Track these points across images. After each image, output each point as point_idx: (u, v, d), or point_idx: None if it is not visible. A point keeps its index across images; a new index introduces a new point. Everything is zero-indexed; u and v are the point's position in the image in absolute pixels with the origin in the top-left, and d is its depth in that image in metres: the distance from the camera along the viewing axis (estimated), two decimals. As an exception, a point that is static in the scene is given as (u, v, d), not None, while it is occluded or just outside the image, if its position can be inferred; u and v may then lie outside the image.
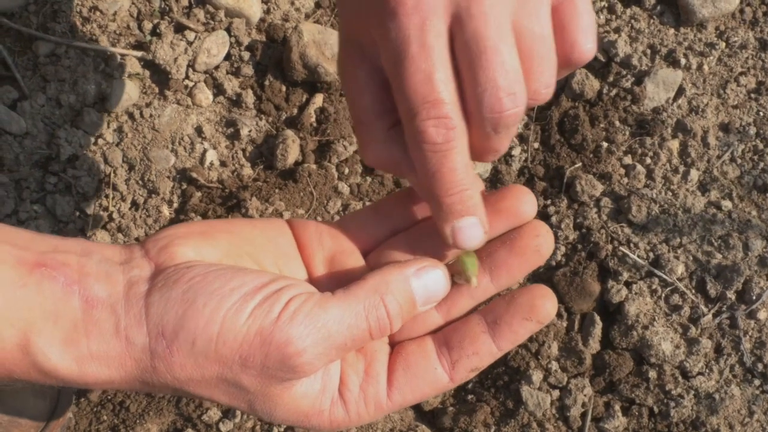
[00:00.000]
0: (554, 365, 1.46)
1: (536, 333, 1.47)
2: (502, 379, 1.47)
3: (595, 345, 1.49)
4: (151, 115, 1.64)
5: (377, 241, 0.77)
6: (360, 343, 0.64)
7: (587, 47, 0.67)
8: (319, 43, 1.62)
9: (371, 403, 0.69)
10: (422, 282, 0.67)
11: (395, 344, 0.73)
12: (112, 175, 1.61)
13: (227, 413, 1.44)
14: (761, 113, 1.67)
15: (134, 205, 1.60)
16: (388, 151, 0.71)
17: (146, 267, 0.65)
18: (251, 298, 0.62)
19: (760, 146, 1.63)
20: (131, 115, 1.65)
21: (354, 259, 0.75)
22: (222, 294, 0.61)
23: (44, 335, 0.60)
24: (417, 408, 1.49)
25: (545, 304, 0.69)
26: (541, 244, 0.71)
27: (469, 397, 1.47)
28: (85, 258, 0.64)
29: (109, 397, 1.46)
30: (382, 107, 0.70)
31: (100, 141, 1.63)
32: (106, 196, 1.60)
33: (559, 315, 1.51)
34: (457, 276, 0.70)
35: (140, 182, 1.61)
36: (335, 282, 0.71)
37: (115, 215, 1.58)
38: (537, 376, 1.45)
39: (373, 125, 0.71)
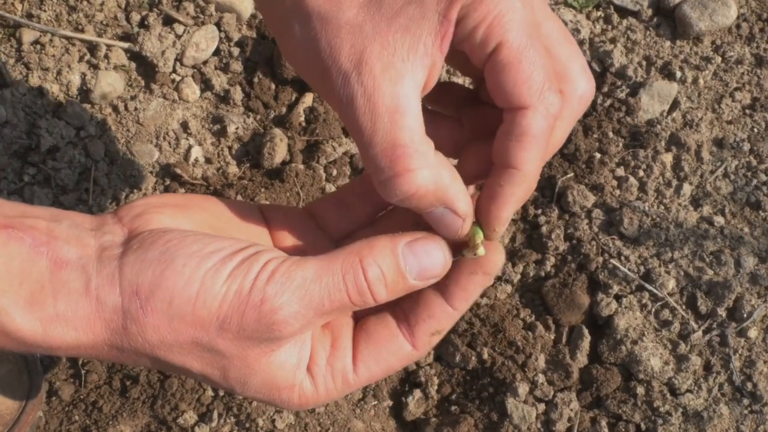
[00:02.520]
0: (541, 378, 1.43)
1: (523, 344, 1.44)
2: (487, 391, 1.43)
3: (582, 358, 1.46)
4: (135, 109, 1.60)
5: (347, 227, 0.76)
6: (339, 307, 0.62)
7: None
8: (311, 41, 1.58)
9: (338, 377, 0.67)
10: (414, 252, 0.64)
11: (359, 320, 0.71)
12: (93, 168, 1.56)
13: (203, 417, 1.40)
14: (755, 129, 1.65)
15: (115, 199, 1.56)
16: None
17: (119, 233, 0.63)
18: (230, 260, 0.60)
19: (754, 163, 1.61)
20: (115, 108, 1.60)
21: (324, 243, 0.74)
22: (202, 255, 0.60)
23: (8, 295, 0.57)
24: (399, 418, 1.45)
25: (489, 254, 0.67)
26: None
27: (453, 408, 1.44)
28: (54, 223, 0.62)
29: (81, 397, 1.42)
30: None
31: (82, 133, 1.58)
32: (86, 190, 1.55)
33: (546, 327, 1.48)
34: (464, 250, 0.67)
35: (122, 177, 1.57)
36: None
37: (95, 209, 1.54)
38: (523, 388, 1.41)
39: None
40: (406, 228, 0.71)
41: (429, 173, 0.60)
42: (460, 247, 0.67)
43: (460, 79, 1.61)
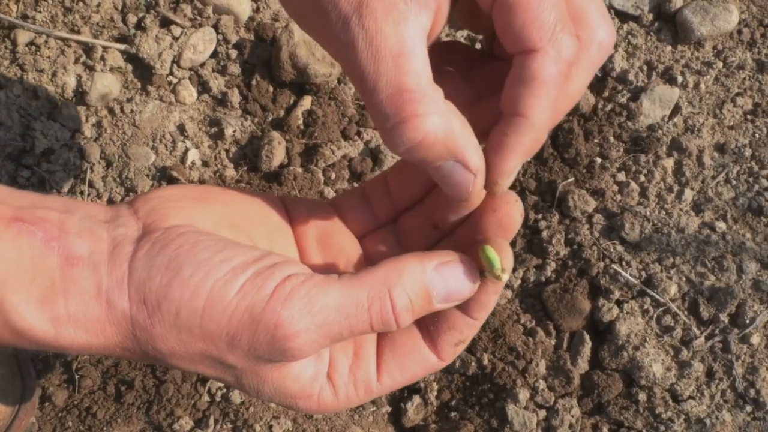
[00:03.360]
0: (541, 384, 1.41)
1: (523, 350, 1.42)
2: (487, 397, 1.41)
3: (583, 364, 1.44)
4: (132, 111, 1.58)
5: (370, 223, 0.73)
6: (358, 334, 0.59)
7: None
8: (310, 44, 1.57)
9: (361, 386, 0.65)
10: (442, 277, 0.60)
11: None
12: (89, 171, 1.54)
13: (199, 422, 1.37)
14: (757, 135, 1.64)
15: (111, 203, 1.54)
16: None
17: (133, 226, 0.60)
18: (242, 271, 0.56)
19: (755, 168, 1.60)
20: (111, 110, 1.58)
21: (347, 240, 0.71)
22: (211, 265, 0.56)
23: (19, 293, 0.55)
24: (398, 424, 1.43)
25: (497, 263, 0.62)
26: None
27: (453, 414, 1.42)
28: (66, 214, 0.59)
29: (75, 402, 1.39)
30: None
31: (78, 135, 1.56)
32: (81, 193, 1.53)
33: (547, 332, 1.46)
34: (485, 271, 0.63)
35: (118, 180, 1.55)
36: (328, 261, 0.66)
37: (89, 212, 1.52)
38: (523, 394, 1.39)
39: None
40: (426, 228, 0.68)
41: (439, 119, 0.56)
42: (480, 266, 0.63)
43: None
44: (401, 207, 0.73)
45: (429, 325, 0.66)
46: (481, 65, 0.69)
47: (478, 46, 1.43)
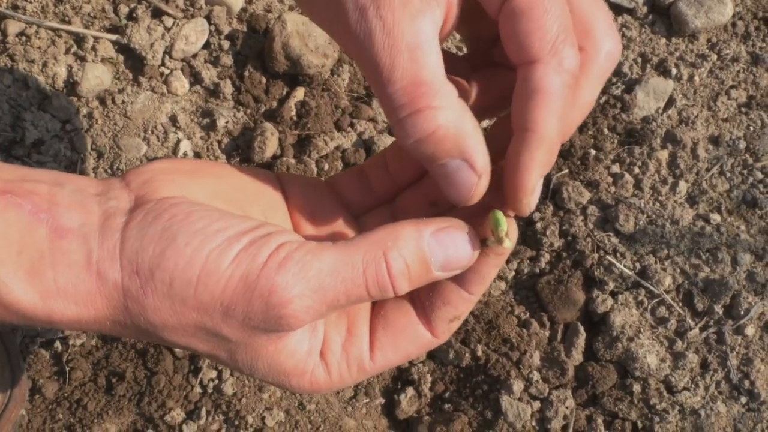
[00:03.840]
0: (536, 375, 1.40)
1: (518, 341, 1.41)
2: (481, 388, 1.40)
3: (578, 356, 1.43)
4: (123, 102, 1.57)
5: (368, 202, 0.72)
6: (355, 301, 0.58)
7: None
8: (303, 35, 1.56)
9: (354, 364, 0.64)
10: (440, 243, 0.59)
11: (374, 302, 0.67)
12: (80, 162, 1.53)
13: (191, 414, 1.36)
14: (751, 128, 1.63)
15: (101, 194, 1.52)
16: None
17: (125, 199, 0.59)
18: (237, 240, 0.56)
19: (750, 161, 1.60)
20: (102, 101, 1.57)
21: (343, 217, 0.70)
22: (206, 234, 0.55)
23: (6, 265, 0.54)
24: (391, 416, 1.42)
25: (503, 224, 0.62)
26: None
27: (446, 406, 1.41)
28: (56, 187, 0.58)
29: (65, 395, 1.38)
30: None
31: (69, 126, 1.55)
32: (72, 184, 1.52)
33: (541, 324, 1.45)
34: (488, 239, 0.62)
35: (109, 171, 1.53)
36: (323, 238, 0.65)
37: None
38: (518, 386, 1.39)
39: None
40: (424, 206, 0.67)
41: (452, 114, 0.56)
42: (482, 235, 0.62)
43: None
44: (400, 185, 0.72)
45: (424, 300, 0.65)
46: (479, 72, 0.69)
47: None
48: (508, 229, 0.61)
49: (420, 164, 0.66)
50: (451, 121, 0.57)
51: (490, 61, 0.69)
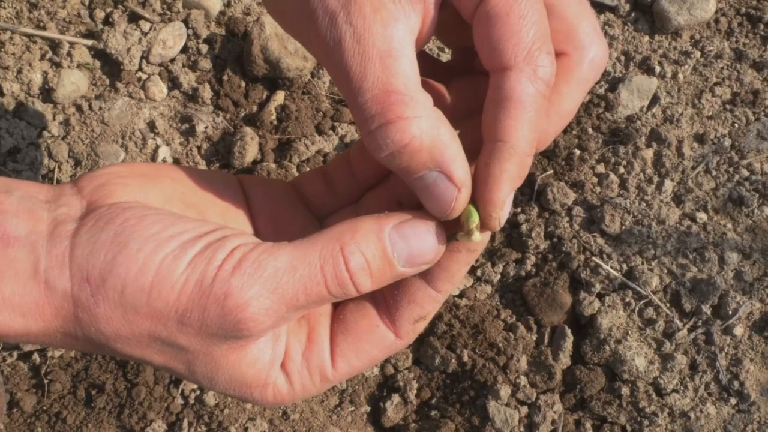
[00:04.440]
0: (523, 380, 1.38)
1: (504, 346, 1.39)
2: (468, 394, 1.38)
3: (565, 359, 1.42)
4: (100, 108, 1.54)
5: (332, 203, 0.69)
6: (317, 300, 0.55)
7: None
8: (282, 37, 1.54)
9: (315, 373, 0.61)
10: (403, 236, 0.56)
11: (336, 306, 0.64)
12: (57, 170, 1.50)
13: (173, 426, 1.34)
14: (736, 125, 1.62)
15: (79, 202, 1.50)
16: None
17: (76, 205, 0.56)
18: (192, 245, 0.53)
19: (735, 158, 1.58)
20: (79, 107, 1.54)
21: (306, 220, 0.68)
22: (159, 239, 0.53)
23: None
24: (377, 424, 1.40)
25: (474, 216, 0.59)
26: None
27: (433, 413, 1.39)
28: (3, 195, 0.55)
29: (44, 408, 1.35)
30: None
31: (45, 133, 1.52)
32: (49, 193, 1.49)
33: (528, 328, 1.43)
34: (458, 233, 0.59)
35: (86, 178, 1.50)
36: (284, 240, 0.62)
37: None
38: (505, 391, 1.37)
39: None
40: (391, 206, 0.64)
41: (426, 124, 0.53)
42: (451, 229, 0.59)
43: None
44: (365, 186, 0.69)
45: (388, 299, 0.62)
46: (460, 79, 0.66)
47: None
48: (489, 210, 0.58)
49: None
50: (426, 132, 0.54)
51: (472, 70, 0.67)
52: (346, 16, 0.53)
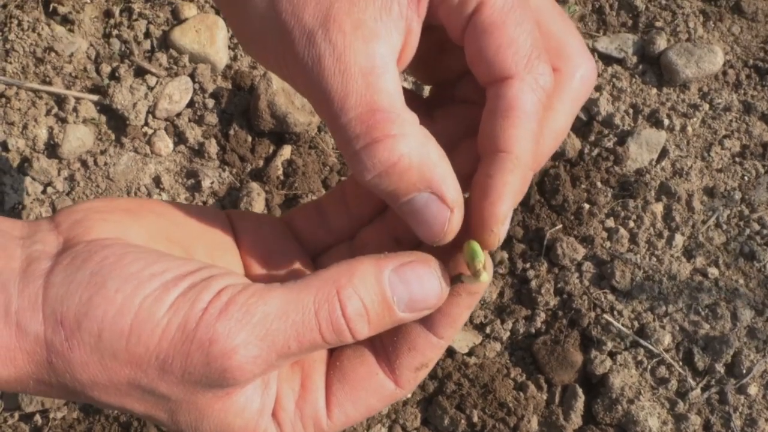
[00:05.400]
0: (534, 441, 1.36)
1: (514, 406, 1.37)
2: (478, 456, 1.36)
3: (577, 419, 1.39)
4: (105, 163, 1.53)
5: (326, 240, 0.66)
6: (309, 348, 0.52)
7: None
8: (289, 92, 1.53)
9: (309, 423, 0.57)
10: (404, 280, 0.53)
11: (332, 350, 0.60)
12: (61, 226, 1.49)
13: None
14: (746, 178, 1.61)
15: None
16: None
17: (52, 242, 0.53)
18: (175, 285, 0.50)
19: (746, 212, 1.57)
20: (84, 163, 1.54)
21: (299, 258, 0.64)
22: (140, 279, 0.49)
23: None
24: (385, 486, 1.37)
25: (479, 256, 0.55)
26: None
27: (442, 475, 1.36)
28: None
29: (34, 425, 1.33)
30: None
31: (49, 189, 1.51)
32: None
33: (539, 387, 1.41)
34: (462, 275, 0.56)
35: (91, 234, 1.49)
36: (275, 280, 0.57)
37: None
38: (516, 453, 1.34)
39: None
40: (387, 243, 0.61)
41: (414, 142, 0.51)
42: (452, 272, 0.56)
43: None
44: (360, 221, 0.66)
45: (387, 345, 0.59)
46: (442, 109, 0.64)
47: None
48: (485, 261, 0.55)
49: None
50: (414, 150, 0.51)
51: (451, 101, 0.64)
52: (324, 34, 0.51)
